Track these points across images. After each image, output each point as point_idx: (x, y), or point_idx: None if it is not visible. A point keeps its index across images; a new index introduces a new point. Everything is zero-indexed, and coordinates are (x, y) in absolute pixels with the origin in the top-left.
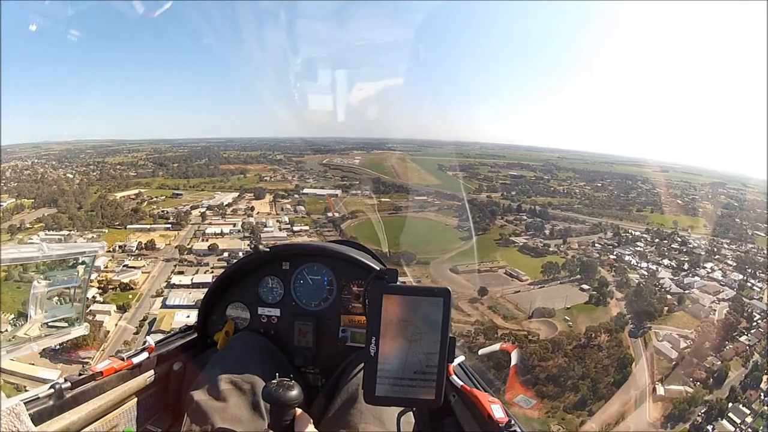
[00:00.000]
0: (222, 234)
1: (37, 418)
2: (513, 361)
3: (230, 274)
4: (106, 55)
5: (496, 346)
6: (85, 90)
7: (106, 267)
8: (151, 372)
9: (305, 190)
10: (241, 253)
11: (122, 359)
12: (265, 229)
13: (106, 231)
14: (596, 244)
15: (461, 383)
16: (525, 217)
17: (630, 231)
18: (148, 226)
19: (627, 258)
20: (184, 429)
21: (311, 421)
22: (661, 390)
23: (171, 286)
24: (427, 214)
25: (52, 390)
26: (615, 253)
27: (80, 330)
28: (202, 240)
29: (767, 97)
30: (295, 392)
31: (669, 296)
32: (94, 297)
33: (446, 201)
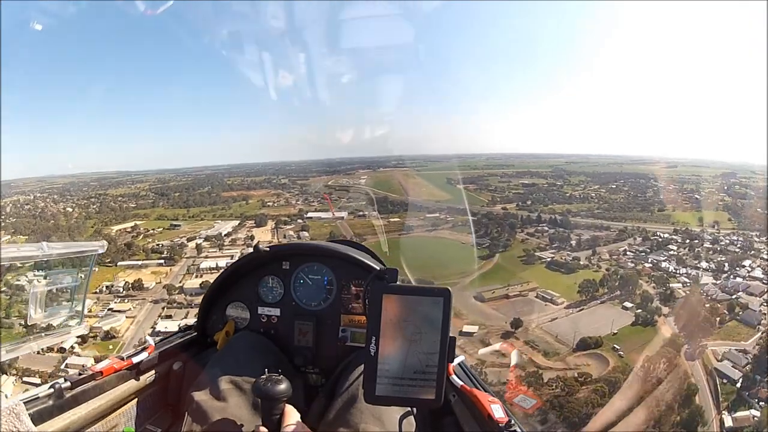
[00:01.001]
0: (217, 268)
1: (37, 418)
2: (513, 361)
3: (230, 273)
4: (110, 89)
5: (496, 346)
6: (91, 123)
7: (90, 311)
8: (151, 372)
9: (309, 214)
10: None
11: (122, 359)
12: None
13: (96, 269)
14: (628, 252)
15: (461, 383)
16: (546, 228)
17: (658, 233)
18: (140, 262)
19: (663, 264)
20: (185, 429)
21: (299, 415)
22: (728, 420)
23: (155, 334)
24: (440, 232)
25: (52, 390)
26: (650, 260)
27: (80, 329)
28: (196, 276)
29: (767, 89)
30: (283, 386)
31: (718, 304)
32: (72, 348)
33: (460, 216)
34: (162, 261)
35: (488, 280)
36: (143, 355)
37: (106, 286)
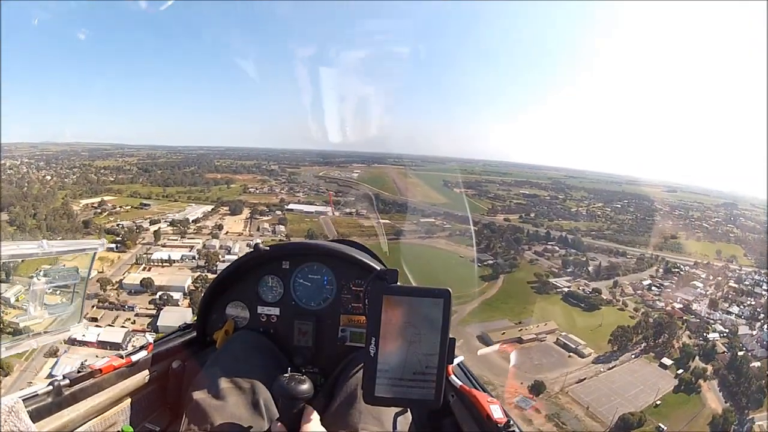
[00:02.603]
0: (170, 261)
1: (36, 416)
2: (512, 362)
3: (230, 272)
4: (116, 61)
5: (496, 347)
6: (94, 93)
7: (18, 301)
8: (150, 370)
9: (290, 206)
10: (179, 294)
11: (121, 357)
12: (227, 256)
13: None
14: (653, 287)
15: (460, 383)
16: (557, 248)
17: (679, 265)
18: None
19: (695, 307)
20: (183, 428)
21: (318, 416)
22: None
23: (70, 341)
24: (436, 241)
25: (51, 387)
26: (678, 299)
27: (79, 327)
28: (144, 268)
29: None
30: (306, 386)
31: (758, 362)
32: None
33: (458, 224)
34: (113, 246)
35: (494, 310)
36: (142, 354)
37: (44, 273)
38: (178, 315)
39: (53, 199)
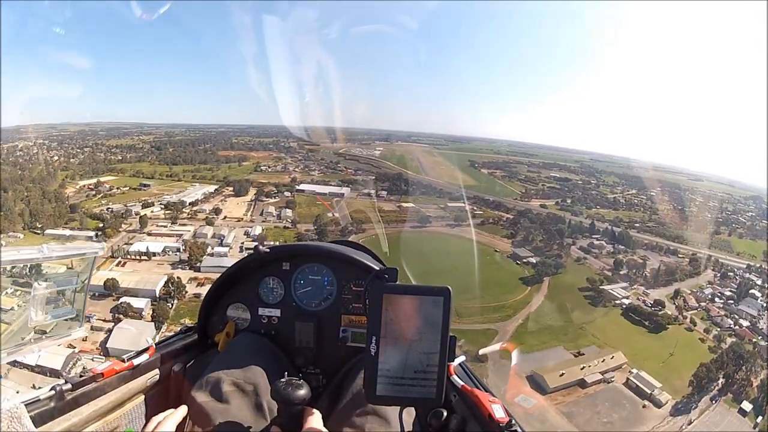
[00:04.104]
0: (148, 255)
1: (38, 420)
2: (513, 361)
3: (230, 274)
4: (140, 40)
5: (497, 346)
6: (116, 73)
7: None
8: (152, 373)
9: (302, 187)
10: (145, 301)
11: (123, 361)
12: (216, 248)
13: (22, 236)
14: (715, 298)
15: (462, 383)
16: (604, 243)
17: (733, 268)
18: (68, 233)
19: (761, 325)
20: (187, 430)
21: (320, 415)
22: None
23: (12, 363)
24: (465, 230)
25: (53, 392)
26: (744, 314)
27: (80, 332)
28: (118, 263)
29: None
30: (303, 391)
31: None
32: None
33: (489, 211)
34: (93, 234)
35: (542, 332)
36: (144, 357)
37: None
38: (135, 334)
39: (52, 180)
